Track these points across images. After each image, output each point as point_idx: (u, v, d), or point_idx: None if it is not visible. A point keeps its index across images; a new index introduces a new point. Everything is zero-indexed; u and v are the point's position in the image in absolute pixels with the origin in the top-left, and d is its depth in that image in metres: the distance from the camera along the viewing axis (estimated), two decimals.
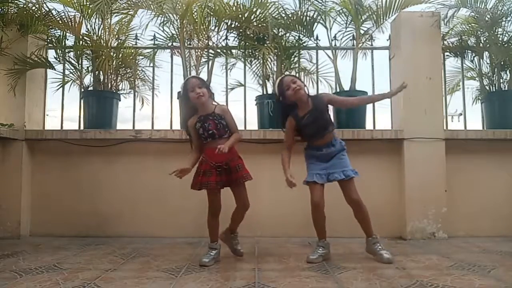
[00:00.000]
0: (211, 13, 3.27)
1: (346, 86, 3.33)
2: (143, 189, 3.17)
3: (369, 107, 3.34)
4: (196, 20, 3.19)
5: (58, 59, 3.39)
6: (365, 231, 2.35)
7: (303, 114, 2.36)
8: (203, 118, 2.31)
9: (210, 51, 3.42)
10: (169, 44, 3.45)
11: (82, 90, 3.40)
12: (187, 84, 2.33)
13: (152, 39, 3.45)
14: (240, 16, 3.32)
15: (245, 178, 2.30)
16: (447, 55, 3.54)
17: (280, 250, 2.61)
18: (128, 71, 3.51)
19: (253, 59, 3.47)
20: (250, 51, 3.41)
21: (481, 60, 3.49)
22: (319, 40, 3.43)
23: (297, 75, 3.48)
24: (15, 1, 3.11)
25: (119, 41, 3.47)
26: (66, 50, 3.37)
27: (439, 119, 3.14)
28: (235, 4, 3.29)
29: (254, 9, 3.29)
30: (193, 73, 3.38)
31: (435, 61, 3.20)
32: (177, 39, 3.35)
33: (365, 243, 2.39)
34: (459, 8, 3.21)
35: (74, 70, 3.41)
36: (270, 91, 3.42)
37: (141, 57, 3.53)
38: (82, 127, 3.34)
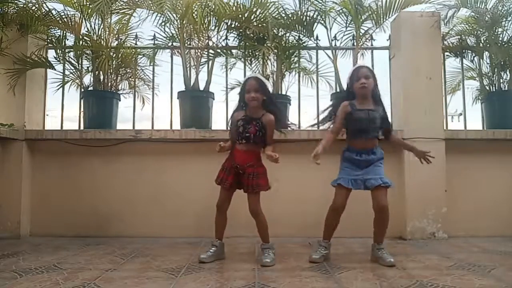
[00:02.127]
0: (211, 13, 3.27)
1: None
2: (143, 189, 3.17)
3: None
4: (196, 20, 3.18)
5: (58, 59, 3.38)
6: (379, 237, 2.30)
7: (359, 108, 2.30)
8: (248, 119, 2.33)
9: (210, 51, 3.42)
10: (169, 44, 3.45)
11: (82, 90, 3.40)
12: (245, 84, 2.36)
13: (152, 39, 3.44)
14: (240, 16, 3.32)
15: (257, 188, 2.28)
16: (447, 55, 3.54)
17: (280, 250, 2.60)
18: (128, 71, 3.51)
19: (253, 59, 3.47)
20: (250, 51, 3.41)
21: (481, 60, 3.49)
22: (319, 40, 3.44)
23: (297, 75, 3.50)
24: (15, 1, 3.11)
25: (119, 41, 3.47)
26: (66, 50, 3.37)
27: (439, 119, 3.14)
28: (235, 4, 3.29)
29: (254, 9, 3.29)
30: (193, 73, 3.39)
31: (435, 61, 3.20)
32: (177, 39, 3.35)
33: (365, 244, 2.38)
34: (459, 8, 3.21)
35: (74, 70, 3.41)
36: (269, 91, 3.41)
37: (141, 57, 3.53)
38: (82, 127, 3.34)
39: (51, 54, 3.42)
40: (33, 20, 3.10)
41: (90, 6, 3.10)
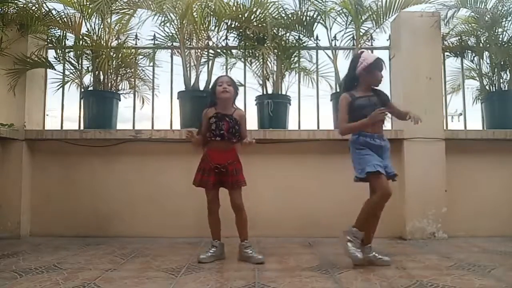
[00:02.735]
0: (211, 13, 3.27)
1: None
2: (143, 189, 3.17)
3: None
4: (196, 20, 3.19)
5: (58, 59, 3.38)
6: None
7: (360, 96, 2.27)
8: (220, 116, 2.34)
9: (210, 51, 3.42)
10: (169, 44, 3.45)
11: (82, 90, 3.40)
12: (218, 79, 2.40)
13: (152, 39, 3.44)
14: (240, 16, 3.32)
15: (240, 183, 2.33)
16: (447, 55, 3.54)
17: (280, 250, 2.60)
18: (128, 71, 3.51)
19: (253, 59, 3.47)
20: (250, 51, 3.41)
21: (481, 60, 3.49)
22: (319, 40, 3.44)
23: (297, 75, 3.49)
24: (15, 1, 3.11)
25: (119, 41, 3.47)
26: (66, 50, 3.37)
27: (439, 119, 3.14)
28: (235, 4, 3.29)
29: (254, 9, 3.30)
30: (193, 73, 3.39)
31: (435, 61, 3.20)
32: (177, 39, 3.35)
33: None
34: (459, 8, 3.21)
35: (74, 70, 3.42)
36: (270, 91, 3.42)
37: (141, 57, 3.53)
38: (82, 127, 3.34)
39: (51, 54, 3.43)
40: (33, 20, 3.10)
41: (90, 6, 3.10)
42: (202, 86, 3.38)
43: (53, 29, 3.34)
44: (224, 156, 2.30)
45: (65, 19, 3.25)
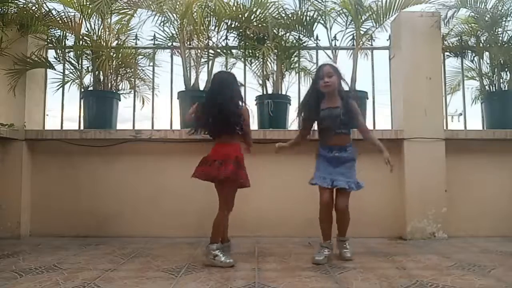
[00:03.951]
0: (211, 13, 3.27)
1: (346, 86, 3.32)
2: (143, 189, 3.17)
3: (369, 107, 3.35)
4: (196, 20, 3.18)
5: (58, 59, 3.38)
6: (341, 232, 2.43)
7: (325, 107, 2.35)
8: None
9: (210, 51, 3.42)
10: (169, 44, 3.45)
11: (82, 90, 3.40)
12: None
13: (152, 39, 3.44)
14: (240, 16, 3.32)
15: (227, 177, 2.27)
16: (447, 55, 3.54)
17: (280, 250, 2.60)
18: (128, 71, 3.51)
19: (253, 59, 3.47)
20: (250, 51, 3.41)
21: (481, 60, 3.49)
22: (319, 40, 3.44)
23: (297, 75, 3.49)
24: (15, 1, 3.11)
25: (119, 41, 3.47)
26: (66, 50, 3.37)
27: (439, 119, 3.14)
28: (235, 4, 3.29)
29: (254, 9, 3.30)
30: (193, 73, 3.39)
31: (435, 61, 3.20)
32: (177, 39, 3.35)
33: (365, 244, 2.40)
34: (459, 8, 3.21)
35: (74, 70, 3.41)
36: (270, 91, 3.42)
37: (141, 57, 3.53)
38: (82, 127, 3.33)
39: (51, 54, 3.43)
40: (33, 20, 3.10)
41: (90, 6, 3.10)
42: (202, 86, 3.38)
43: (53, 29, 3.33)
44: (222, 152, 2.28)
45: (65, 19, 3.25)
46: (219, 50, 3.41)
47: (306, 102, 2.45)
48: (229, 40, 3.45)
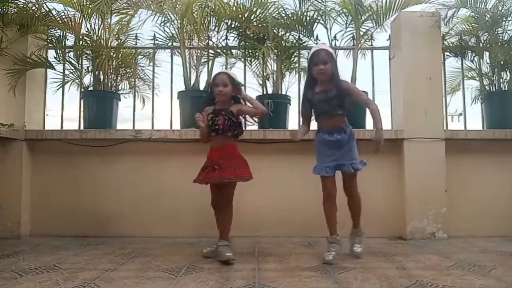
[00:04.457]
0: (211, 13, 3.27)
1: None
2: (143, 189, 3.17)
3: None
4: (196, 20, 3.19)
5: (58, 59, 3.38)
6: (354, 218, 2.44)
7: (319, 91, 2.36)
8: (217, 111, 2.37)
9: (210, 51, 3.42)
10: (169, 44, 3.45)
11: (82, 90, 3.40)
12: (215, 78, 2.39)
13: (152, 39, 3.44)
14: (240, 16, 3.32)
15: (229, 178, 2.30)
16: (447, 55, 3.54)
17: (280, 250, 2.60)
18: (128, 71, 3.51)
19: (253, 59, 3.47)
20: (250, 51, 3.41)
21: (481, 60, 3.49)
22: (319, 40, 3.43)
23: (297, 75, 3.49)
24: (15, 1, 3.11)
25: (119, 41, 3.47)
26: (66, 50, 3.37)
27: (439, 119, 3.14)
28: (235, 4, 3.29)
29: (254, 9, 3.30)
30: (193, 73, 3.39)
31: (435, 61, 3.20)
32: (177, 39, 3.35)
33: (365, 244, 2.42)
34: (459, 8, 3.21)
35: (74, 70, 3.41)
36: (270, 91, 3.42)
37: (141, 57, 3.53)
38: (82, 127, 3.33)
39: (51, 54, 3.42)
40: (33, 20, 3.10)
41: (90, 6, 3.10)
42: (202, 86, 3.38)
43: (53, 29, 3.33)
44: (217, 154, 2.30)
45: (65, 19, 3.25)
46: (219, 50, 3.41)
47: (304, 87, 2.49)
48: (229, 40, 3.45)
